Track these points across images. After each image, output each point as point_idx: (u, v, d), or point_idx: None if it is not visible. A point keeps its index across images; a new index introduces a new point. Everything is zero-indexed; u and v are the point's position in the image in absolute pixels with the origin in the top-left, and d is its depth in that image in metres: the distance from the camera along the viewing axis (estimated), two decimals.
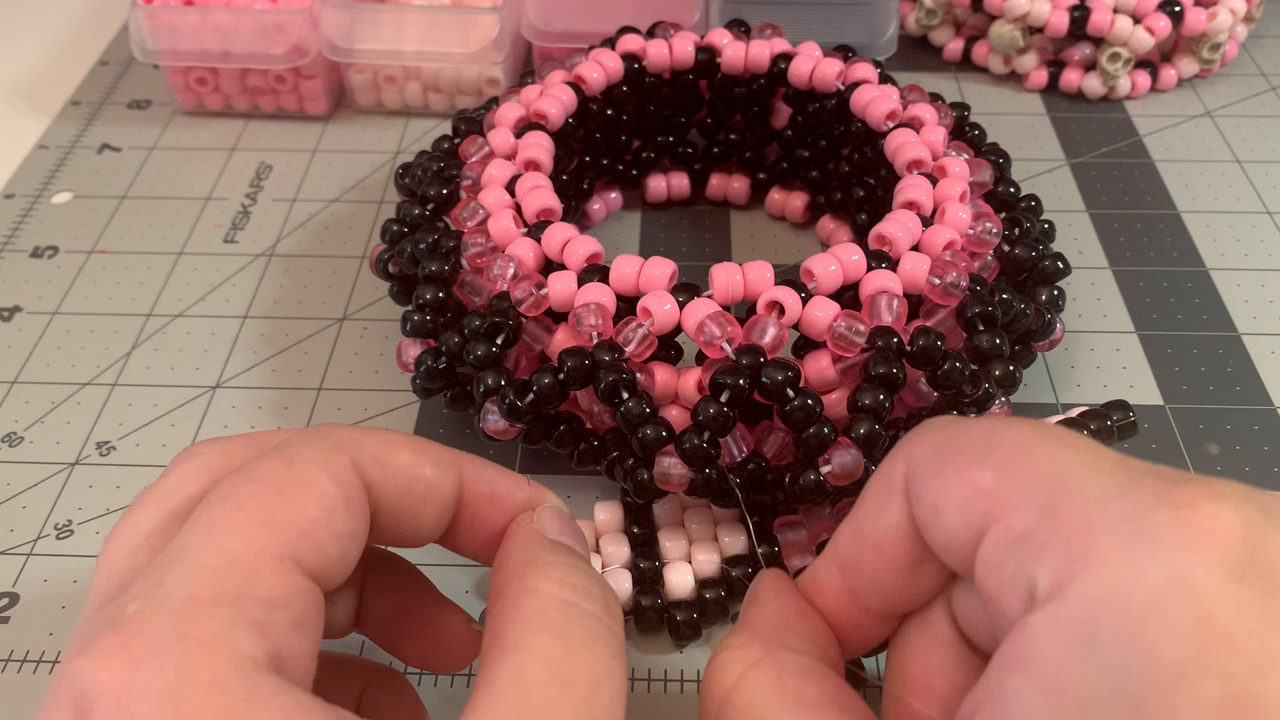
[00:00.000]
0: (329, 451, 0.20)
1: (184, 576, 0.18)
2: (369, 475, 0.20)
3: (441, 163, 0.36)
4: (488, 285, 0.31)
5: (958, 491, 0.19)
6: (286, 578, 0.18)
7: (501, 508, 0.23)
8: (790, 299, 0.29)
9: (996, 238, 0.32)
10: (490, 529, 0.23)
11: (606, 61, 0.38)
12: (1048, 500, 0.17)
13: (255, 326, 0.39)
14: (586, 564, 0.22)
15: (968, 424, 0.20)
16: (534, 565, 0.21)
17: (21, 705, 0.28)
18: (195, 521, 0.19)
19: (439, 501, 0.22)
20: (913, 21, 0.52)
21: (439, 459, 0.22)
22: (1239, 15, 0.48)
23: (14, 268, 0.42)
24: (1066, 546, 0.17)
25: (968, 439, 0.19)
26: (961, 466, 0.19)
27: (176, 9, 0.45)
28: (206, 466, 0.21)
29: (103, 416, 0.36)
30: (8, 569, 0.31)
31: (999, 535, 0.18)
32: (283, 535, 0.18)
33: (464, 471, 0.22)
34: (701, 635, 0.29)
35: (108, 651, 0.17)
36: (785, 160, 0.42)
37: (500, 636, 0.19)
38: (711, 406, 0.27)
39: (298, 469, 0.20)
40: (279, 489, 0.19)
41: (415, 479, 0.21)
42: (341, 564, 0.20)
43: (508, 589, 0.21)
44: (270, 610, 0.18)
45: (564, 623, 0.20)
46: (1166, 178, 0.45)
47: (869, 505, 0.21)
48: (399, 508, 0.21)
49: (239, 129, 0.49)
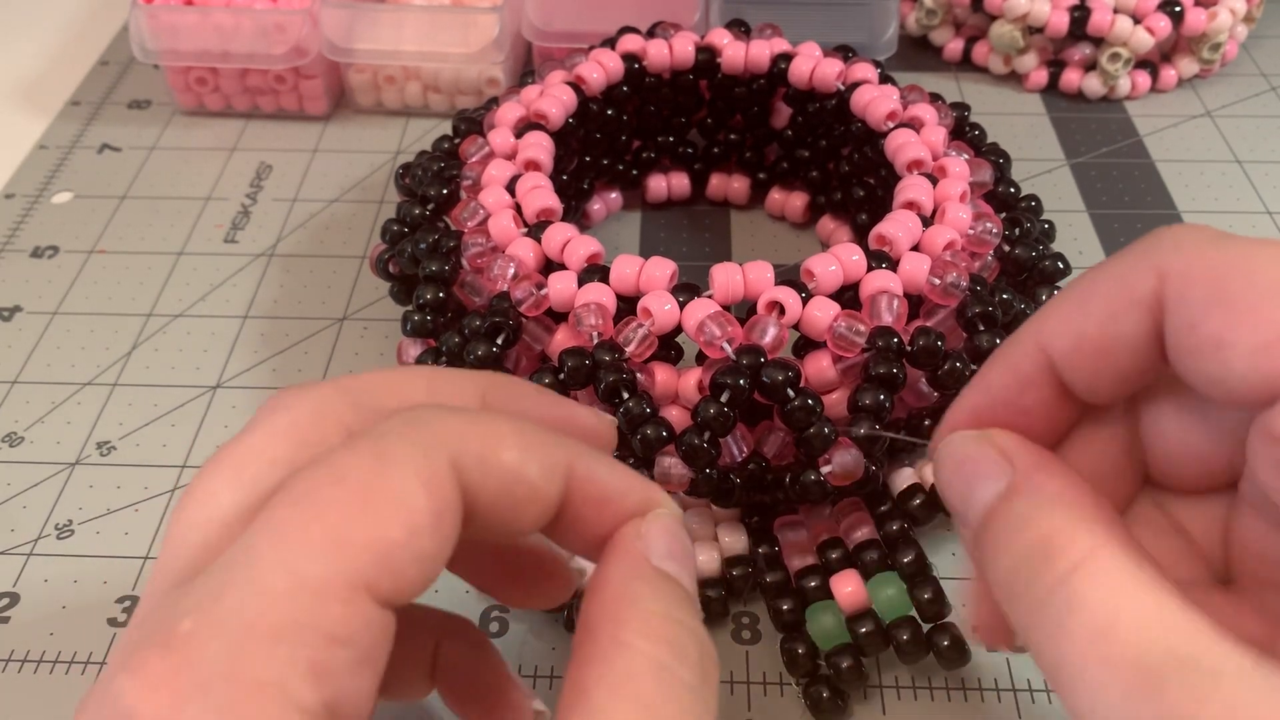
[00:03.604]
0: (427, 449, 0.18)
1: (245, 597, 0.16)
2: (468, 478, 0.18)
3: (442, 163, 0.36)
4: (488, 285, 0.31)
5: (1256, 332, 0.17)
6: (356, 610, 0.17)
7: (611, 511, 0.20)
8: (790, 299, 0.29)
9: (997, 238, 0.32)
10: (597, 531, 0.20)
11: (606, 61, 0.38)
12: None
13: (255, 326, 0.39)
14: (690, 609, 0.19)
15: (1244, 246, 0.17)
16: (632, 610, 0.19)
17: (21, 705, 0.28)
18: (267, 522, 0.17)
19: (541, 503, 0.19)
20: (913, 21, 0.52)
21: (547, 457, 0.19)
22: (1239, 15, 0.48)
23: (14, 268, 0.42)
24: None
25: (1259, 272, 0.17)
26: (1258, 302, 0.17)
27: (176, 9, 0.45)
28: (295, 424, 0.19)
29: (103, 416, 0.36)
30: (8, 569, 0.31)
31: None
32: (359, 560, 0.17)
33: (574, 468, 0.20)
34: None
35: (156, 679, 0.16)
36: (785, 160, 0.42)
37: (584, 695, 0.18)
38: (712, 406, 0.27)
39: (388, 471, 0.17)
40: (364, 497, 0.17)
41: (519, 480, 0.19)
42: (422, 585, 0.18)
43: (599, 634, 0.18)
44: (332, 648, 0.16)
45: (654, 694, 0.18)
46: (1166, 178, 0.45)
47: (1099, 308, 0.19)
48: (496, 510, 0.19)
49: (239, 129, 0.49)
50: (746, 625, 0.30)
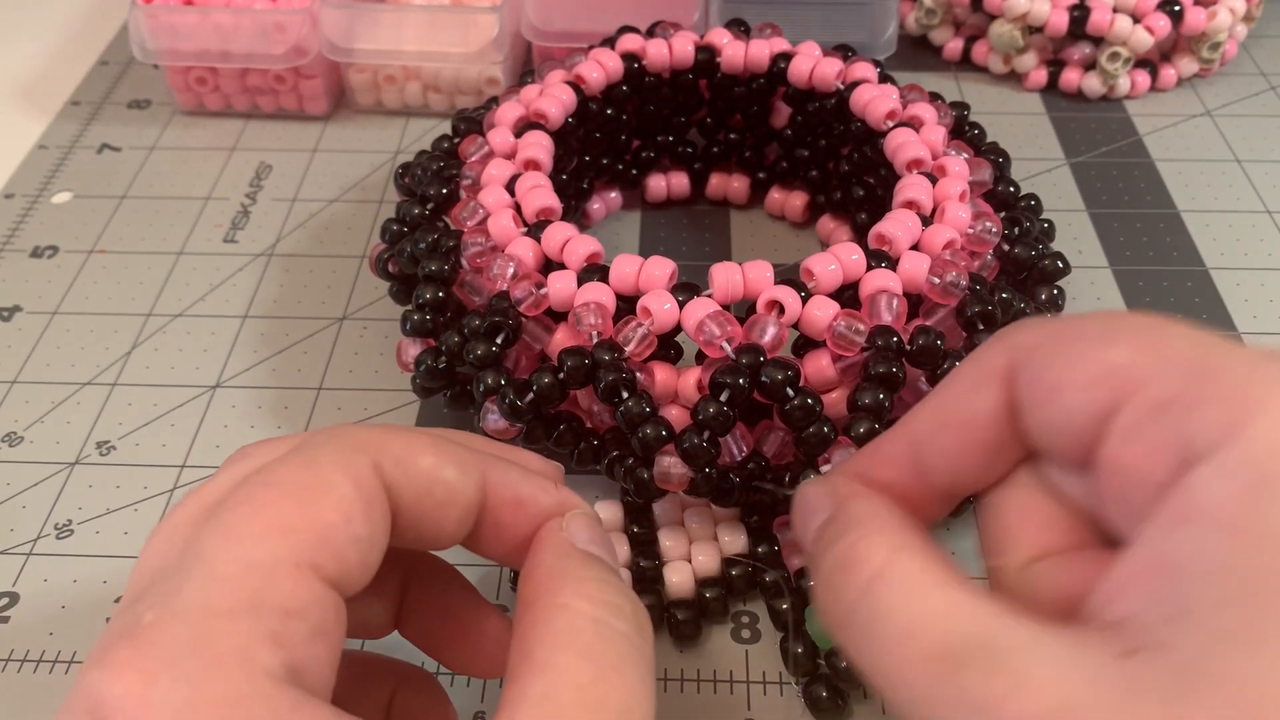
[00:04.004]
0: (349, 453, 0.20)
1: (200, 585, 0.18)
2: (390, 477, 0.20)
3: (441, 162, 0.36)
4: (487, 285, 0.31)
5: (1084, 370, 0.18)
6: (304, 586, 0.18)
7: (527, 514, 0.22)
8: (790, 298, 0.29)
9: (996, 237, 0.32)
10: (516, 534, 0.22)
11: (606, 61, 0.38)
12: (1191, 368, 0.17)
13: (255, 326, 0.39)
14: (618, 578, 0.21)
15: (1079, 316, 0.20)
16: (564, 579, 0.20)
17: (21, 705, 0.28)
18: (213, 527, 0.19)
19: (461, 506, 0.21)
20: (913, 21, 0.52)
21: (463, 462, 0.21)
22: (1239, 15, 0.48)
23: (14, 268, 0.42)
24: (1229, 399, 0.17)
25: (1088, 327, 0.19)
26: (1086, 348, 0.19)
27: (176, 9, 0.45)
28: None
29: (103, 416, 0.36)
30: (8, 569, 0.31)
31: (1140, 405, 0.18)
32: (300, 542, 0.18)
33: (489, 475, 0.22)
34: (701, 635, 0.29)
35: (123, 663, 0.17)
36: (785, 160, 0.42)
37: (528, 655, 0.19)
38: (711, 406, 0.27)
39: (316, 471, 0.19)
40: (297, 493, 0.19)
41: (437, 482, 0.21)
42: (361, 568, 0.19)
43: (537, 603, 0.20)
44: (288, 620, 0.17)
45: (595, 643, 0.19)
46: (1166, 177, 0.45)
47: (958, 389, 0.21)
48: (419, 511, 0.20)
49: (239, 129, 0.49)
50: (746, 625, 0.30)
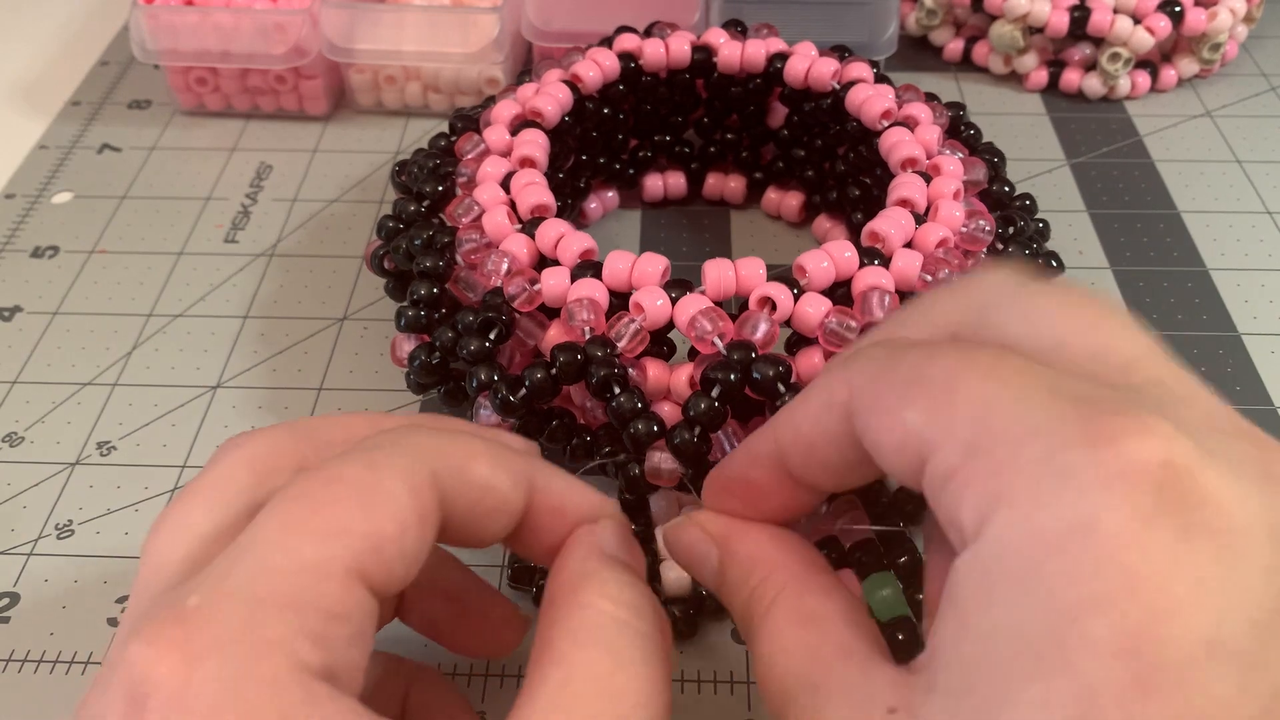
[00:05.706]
0: (413, 462, 0.20)
1: (253, 574, 0.18)
2: (445, 486, 0.20)
3: (437, 160, 0.36)
4: (482, 281, 0.31)
5: (890, 433, 0.18)
6: (350, 591, 0.18)
7: (566, 519, 0.23)
8: (782, 295, 0.29)
9: (990, 236, 0.32)
10: (553, 538, 0.23)
11: (603, 60, 0.38)
12: (971, 439, 0.17)
13: (255, 326, 0.39)
14: (642, 582, 0.22)
15: (901, 352, 0.19)
16: (590, 579, 0.21)
17: (22, 705, 0.28)
18: (270, 515, 0.19)
19: (508, 513, 0.22)
20: (913, 21, 0.52)
21: (514, 470, 0.22)
22: (1239, 15, 0.48)
23: (14, 268, 0.42)
24: (984, 487, 0.16)
25: (898, 373, 0.19)
26: (891, 405, 0.18)
27: (176, 9, 0.46)
28: (254, 457, 0.21)
29: (103, 416, 0.36)
30: (8, 569, 0.31)
31: (931, 474, 0.18)
32: (354, 547, 0.18)
33: (535, 481, 0.22)
34: (699, 631, 0.29)
35: (169, 642, 0.17)
36: (781, 159, 0.42)
37: (549, 647, 0.19)
38: (703, 401, 0.27)
39: (380, 477, 0.19)
40: (359, 496, 0.19)
41: (489, 490, 0.21)
42: (402, 580, 0.19)
43: (561, 600, 0.21)
44: (331, 623, 0.18)
45: (615, 639, 0.20)
46: (1166, 178, 0.45)
47: (808, 411, 0.21)
48: (469, 517, 0.21)
49: (239, 129, 0.49)
50: None
